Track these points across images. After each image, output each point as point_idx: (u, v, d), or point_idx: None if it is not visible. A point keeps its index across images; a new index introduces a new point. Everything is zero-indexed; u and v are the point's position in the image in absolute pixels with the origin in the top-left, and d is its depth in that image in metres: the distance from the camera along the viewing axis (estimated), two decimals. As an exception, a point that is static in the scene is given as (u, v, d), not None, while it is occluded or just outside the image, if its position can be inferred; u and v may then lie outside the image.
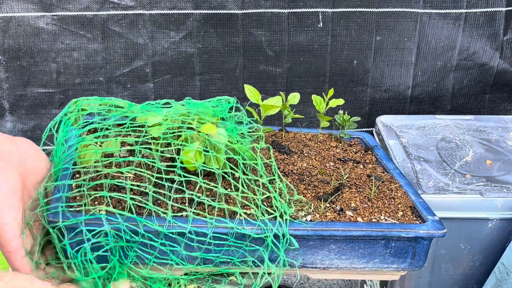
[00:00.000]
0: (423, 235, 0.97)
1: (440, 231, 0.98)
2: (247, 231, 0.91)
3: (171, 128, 0.98)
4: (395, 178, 1.18)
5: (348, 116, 1.33)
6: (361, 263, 0.99)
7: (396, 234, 0.97)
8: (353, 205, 1.05)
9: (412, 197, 1.10)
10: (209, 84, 1.76)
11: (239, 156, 0.98)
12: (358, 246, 0.98)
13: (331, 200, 1.05)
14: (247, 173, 0.99)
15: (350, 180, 1.14)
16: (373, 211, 1.04)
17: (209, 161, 0.96)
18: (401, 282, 1.42)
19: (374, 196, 1.09)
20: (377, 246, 0.98)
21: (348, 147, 1.33)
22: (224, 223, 0.90)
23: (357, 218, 1.01)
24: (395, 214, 1.04)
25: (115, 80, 1.70)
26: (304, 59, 1.78)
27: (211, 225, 0.90)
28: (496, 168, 1.43)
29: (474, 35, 1.82)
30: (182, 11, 1.67)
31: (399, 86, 1.86)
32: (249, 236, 0.91)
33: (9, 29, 1.59)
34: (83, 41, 1.64)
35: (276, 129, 1.36)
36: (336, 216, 1.00)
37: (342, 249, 0.98)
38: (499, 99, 1.94)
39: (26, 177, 0.86)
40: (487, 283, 1.36)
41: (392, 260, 1.00)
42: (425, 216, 1.03)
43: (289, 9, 1.71)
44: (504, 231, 1.32)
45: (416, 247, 0.99)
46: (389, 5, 1.75)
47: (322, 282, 1.87)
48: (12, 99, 1.65)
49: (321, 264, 0.99)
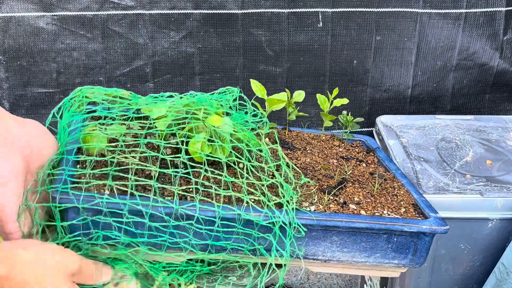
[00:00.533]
0: (425, 231, 0.98)
1: (443, 227, 0.98)
2: (254, 217, 0.90)
3: (176, 118, 0.97)
4: (397, 178, 1.18)
5: (351, 117, 1.33)
6: (363, 257, 1.00)
7: (399, 228, 0.97)
8: (356, 199, 1.05)
9: (414, 196, 1.10)
10: (209, 84, 1.76)
11: (244, 144, 0.98)
12: (361, 239, 0.98)
13: (334, 193, 1.05)
14: (252, 161, 0.98)
15: (353, 177, 1.15)
16: (376, 205, 1.04)
17: (215, 151, 0.96)
18: (401, 282, 1.42)
19: (377, 192, 1.09)
20: (379, 240, 0.98)
21: (351, 147, 1.33)
22: (231, 209, 0.90)
23: (360, 211, 1.01)
24: (398, 210, 1.04)
25: (115, 80, 1.70)
26: (304, 59, 1.78)
27: (218, 212, 0.89)
28: (496, 168, 1.43)
29: (474, 35, 1.82)
30: (182, 11, 1.67)
31: (399, 86, 1.86)
32: (257, 224, 0.91)
33: (9, 29, 1.59)
34: (83, 41, 1.64)
35: (279, 128, 1.37)
36: (340, 208, 1.00)
37: (344, 241, 0.98)
38: (499, 99, 1.94)
39: (31, 160, 0.86)
40: (487, 283, 1.36)
41: (394, 255, 1.00)
42: (427, 213, 1.03)
43: (289, 9, 1.71)
44: (504, 231, 1.33)
45: (418, 243, 0.99)
46: (389, 5, 1.75)
47: (322, 282, 1.87)
48: (12, 99, 1.65)
49: (322, 256, 0.99)
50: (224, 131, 0.96)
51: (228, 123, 0.98)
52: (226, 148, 0.95)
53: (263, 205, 0.93)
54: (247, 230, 0.92)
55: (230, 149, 0.95)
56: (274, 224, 0.91)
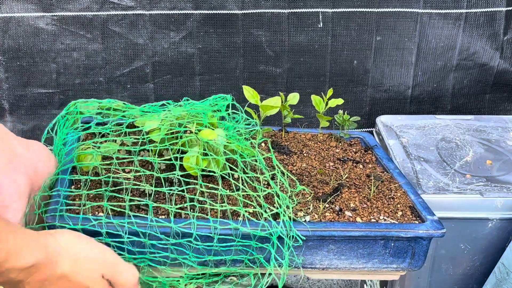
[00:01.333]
0: (422, 235, 0.97)
1: (439, 231, 0.98)
2: (250, 230, 0.91)
3: (169, 133, 0.98)
4: (395, 177, 1.18)
5: (347, 116, 1.33)
6: (361, 263, 0.99)
7: (395, 234, 0.97)
8: (352, 205, 1.05)
9: (411, 197, 1.10)
10: (209, 84, 1.76)
11: (237, 155, 0.98)
12: (357, 246, 0.98)
13: (330, 200, 1.04)
14: (247, 172, 0.99)
15: (349, 180, 1.14)
16: (372, 211, 1.03)
17: (209, 165, 0.96)
18: (401, 282, 1.41)
19: (374, 196, 1.09)
20: (376, 246, 0.98)
21: (348, 147, 1.32)
22: (227, 224, 0.90)
23: (356, 218, 1.01)
24: (395, 214, 1.04)
25: (115, 80, 1.70)
26: (304, 59, 1.78)
27: (215, 229, 0.90)
28: (496, 168, 1.42)
29: (474, 35, 1.81)
30: (182, 11, 1.67)
31: (399, 86, 1.86)
32: (255, 236, 0.91)
33: (9, 29, 1.59)
34: (83, 41, 1.64)
35: (276, 129, 1.36)
36: (335, 216, 1.00)
37: (341, 249, 0.98)
38: (499, 99, 1.94)
39: (35, 180, 0.87)
40: (487, 283, 1.36)
41: (392, 260, 1.00)
42: (424, 216, 1.03)
43: (289, 9, 1.71)
44: (504, 231, 1.32)
45: (416, 247, 0.99)
46: (389, 5, 1.75)
47: (322, 282, 1.87)
48: (12, 99, 1.65)
49: (320, 265, 0.99)
50: (217, 143, 0.97)
51: (221, 134, 0.98)
52: (220, 160, 0.95)
53: (259, 216, 0.94)
54: (246, 242, 0.92)
55: (224, 161, 0.95)
56: (271, 234, 0.91)
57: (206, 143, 0.97)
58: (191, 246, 0.90)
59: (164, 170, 0.99)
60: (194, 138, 0.98)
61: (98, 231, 0.86)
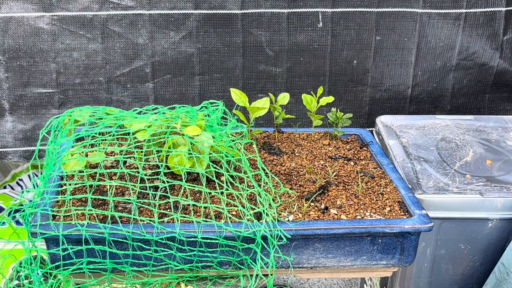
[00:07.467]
0: (409, 230, 0.97)
1: (426, 225, 0.98)
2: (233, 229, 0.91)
3: (156, 134, 0.99)
4: (387, 173, 1.18)
5: (341, 113, 1.33)
6: (349, 261, 1.00)
7: (380, 230, 0.97)
8: (339, 203, 1.05)
9: (402, 192, 1.10)
10: (209, 84, 1.76)
11: (222, 155, 0.99)
12: (344, 244, 0.98)
13: (316, 199, 1.05)
14: (230, 171, 1.00)
15: (338, 178, 1.15)
16: (358, 208, 1.04)
17: (194, 165, 0.97)
18: (401, 282, 1.42)
19: (362, 193, 1.09)
20: (364, 243, 0.98)
21: (343, 144, 1.33)
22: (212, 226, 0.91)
23: (341, 216, 1.01)
24: (382, 210, 1.04)
25: (115, 80, 1.70)
26: (304, 59, 1.78)
27: (199, 229, 0.90)
28: (496, 168, 1.43)
29: (474, 35, 1.82)
30: (182, 11, 1.67)
31: (399, 86, 1.86)
32: (239, 236, 0.92)
33: (9, 29, 1.59)
34: (83, 41, 1.64)
35: (271, 130, 1.37)
36: (320, 215, 1.00)
37: (327, 247, 0.98)
38: (499, 99, 1.94)
39: None
40: (487, 283, 1.36)
41: (381, 256, 1.00)
42: (412, 211, 1.03)
43: (289, 9, 1.71)
44: (504, 231, 1.32)
45: (404, 242, 0.99)
46: (389, 5, 1.75)
47: (322, 282, 1.87)
48: (12, 99, 1.65)
49: (307, 264, 0.99)
50: (201, 141, 0.98)
51: (207, 136, 0.99)
52: (204, 160, 0.96)
53: (243, 217, 0.94)
54: (231, 242, 0.92)
55: (208, 161, 0.96)
56: (255, 234, 0.92)
57: (191, 144, 0.98)
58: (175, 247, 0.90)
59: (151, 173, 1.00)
60: (180, 139, 0.99)
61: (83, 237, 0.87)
